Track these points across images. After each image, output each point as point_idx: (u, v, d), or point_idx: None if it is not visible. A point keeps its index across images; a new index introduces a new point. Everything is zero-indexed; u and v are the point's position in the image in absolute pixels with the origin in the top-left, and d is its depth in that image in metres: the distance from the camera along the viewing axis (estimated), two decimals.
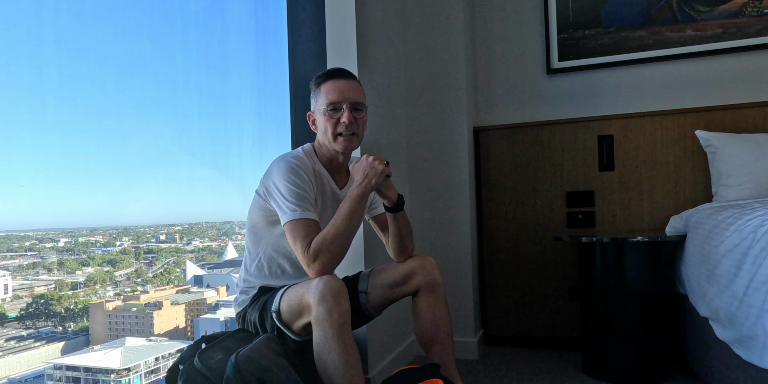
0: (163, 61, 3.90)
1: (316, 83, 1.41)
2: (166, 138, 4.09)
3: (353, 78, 1.41)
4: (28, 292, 3.54)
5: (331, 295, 1.16)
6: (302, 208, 1.29)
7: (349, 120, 1.35)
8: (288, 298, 1.27)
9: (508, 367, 2.17)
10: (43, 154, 3.11)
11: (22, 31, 2.16)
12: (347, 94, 1.36)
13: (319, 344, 1.18)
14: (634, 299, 1.90)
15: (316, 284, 1.19)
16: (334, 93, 1.36)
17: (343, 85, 1.37)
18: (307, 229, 1.26)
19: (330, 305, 1.16)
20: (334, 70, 1.40)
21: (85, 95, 3.64)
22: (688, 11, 2.28)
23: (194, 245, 4.29)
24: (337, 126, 1.36)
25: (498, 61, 2.58)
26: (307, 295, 1.20)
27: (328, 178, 1.44)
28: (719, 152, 2.07)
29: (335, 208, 1.39)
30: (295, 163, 1.34)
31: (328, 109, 1.36)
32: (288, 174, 1.32)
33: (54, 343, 3.93)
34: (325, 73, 1.40)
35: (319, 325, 1.18)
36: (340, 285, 1.19)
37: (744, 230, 1.30)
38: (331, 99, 1.36)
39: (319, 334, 1.18)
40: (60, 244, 3.67)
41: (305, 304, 1.21)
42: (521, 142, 2.49)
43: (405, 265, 1.48)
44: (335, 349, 1.16)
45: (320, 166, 1.43)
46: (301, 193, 1.30)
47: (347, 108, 1.35)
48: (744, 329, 1.21)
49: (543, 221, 2.44)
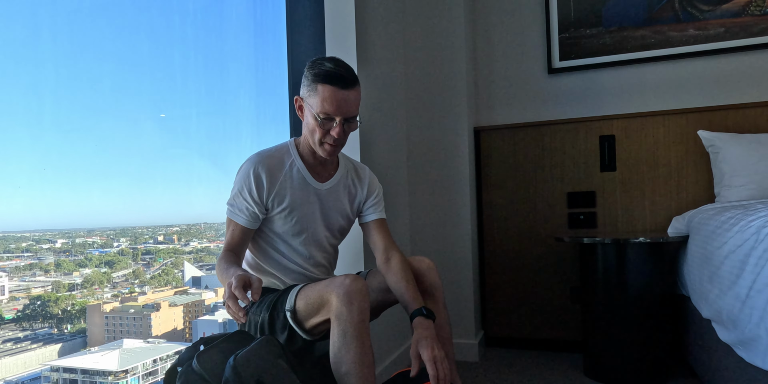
0: (161, 59, 3.92)
1: (314, 78, 1.32)
2: (164, 137, 4.11)
3: (354, 85, 1.32)
4: (25, 293, 3.52)
5: (355, 292, 1.17)
6: (232, 210, 1.37)
7: (339, 135, 1.32)
8: (306, 295, 1.27)
9: (508, 369, 2.16)
10: (40, 154, 3.11)
11: (18, 30, 2.17)
12: (344, 109, 1.31)
13: (337, 342, 1.18)
14: (636, 301, 1.89)
15: (341, 281, 1.19)
16: (331, 104, 1.29)
17: (342, 98, 1.30)
18: (231, 233, 1.36)
19: (353, 302, 1.16)
20: (337, 73, 1.30)
21: (82, 94, 3.67)
22: (690, 10, 2.27)
23: (192, 246, 4.26)
24: (326, 136, 1.34)
25: (499, 60, 2.57)
26: (328, 292, 1.20)
27: (306, 172, 1.43)
28: (722, 152, 2.06)
29: (315, 202, 1.43)
30: (255, 165, 1.36)
31: (321, 118, 1.31)
32: (240, 177, 1.37)
33: (51, 344, 3.90)
34: (327, 73, 1.30)
35: (339, 323, 1.18)
36: (363, 285, 1.20)
37: (747, 231, 1.29)
38: (326, 110, 1.30)
39: (338, 332, 1.18)
40: (57, 245, 3.64)
41: (326, 301, 1.21)
42: (522, 143, 2.47)
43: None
44: (353, 348, 1.16)
45: (299, 162, 1.42)
46: (241, 198, 1.36)
47: (340, 122, 1.32)
48: (747, 331, 1.21)
49: (544, 222, 2.43)
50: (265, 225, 1.41)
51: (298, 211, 1.40)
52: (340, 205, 1.48)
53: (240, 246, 1.36)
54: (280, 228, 1.40)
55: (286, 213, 1.39)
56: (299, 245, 1.43)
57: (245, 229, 1.36)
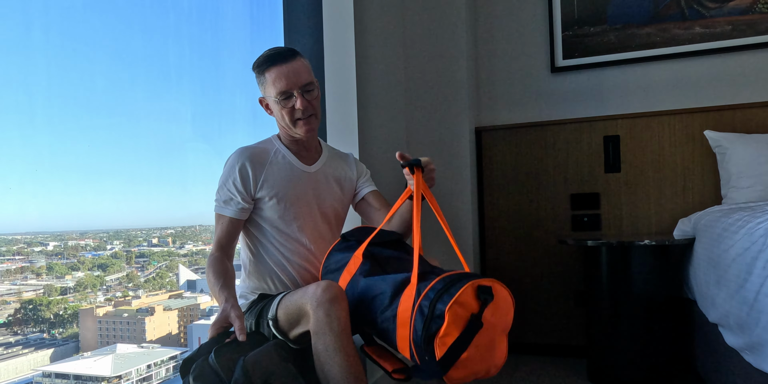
0: (156, 57, 3.85)
1: (259, 71, 1.38)
2: (159, 137, 4.04)
3: (295, 56, 1.37)
4: (16, 297, 3.48)
5: (330, 301, 1.13)
6: (218, 203, 1.38)
7: (303, 105, 1.35)
8: (285, 305, 1.25)
9: (511, 374, 2.15)
10: (32, 154, 3.06)
11: (9, 27, 2.11)
12: (294, 80, 1.34)
13: (320, 356, 1.14)
14: (642, 304, 1.88)
15: (313, 290, 1.16)
16: (280, 81, 1.34)
17: (287, 71, 1.34)
18: (220, 227, 1.37)
19: (329, 314, 1.12)
20: (274, 53, 1.36)
21: (75, 92, 3.60)
22: (696, 7, 2.27)
23: (187, 249, 4.24)
24: (293, 112, 1.37)
25: (500, 58, 2.55)
26: (304, 303, 1.17)
27: (292, 157, 1.44)
28: (729, 153, 2.05)
29: (305, 185, 1.44)
30: (239, 156, 1.38)
31: (280, 99, 1.35)
32: (226, 170, 1.39)
33: (43, 349, 3.88)
34: (265, 58, 1.37)
35: (318, 336, 1.14)
36: (338, 291, 1.16)
37: (754, 233, 1.28)
38: (280, 88, 1.34)
39: (320, 346, 1.14)
40: (49, 247, 3.61)
41: (303, 312, 1.18)
42: (524, 143, 2.46)
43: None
44: (337, 361, 1.12)
45: (285, 150, 1.45)
46: (225, 189, 1.37)
47: (298, 94, 1.35)
48: (754, 335, 1.20)
49: (547, 224, 2.41)
50: (259, 217, 1.41)
51: (289, 196, 1.41)
52: (331, 188, 1.49)
53: (229, 242, 1.37)
54: (274, 216, 1.39)
55: (277, 199, 1.39)
56: (296, 232, 1.41)
57: (233, 220, 1.37)
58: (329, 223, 1.49)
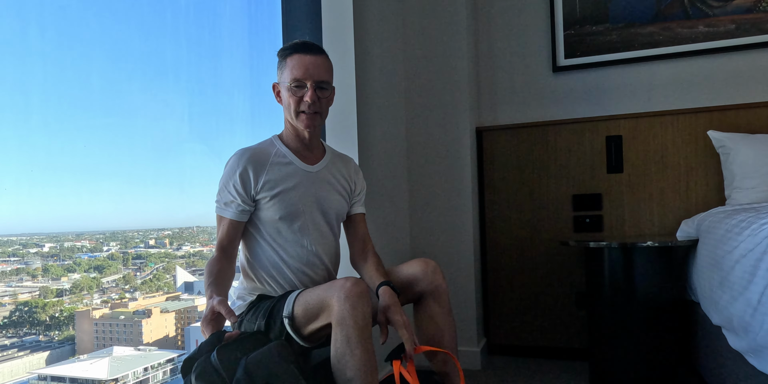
0: (153, 57, 3.81)
1: (282, 55, 1.39)
2: (156, 137, 3.99)
3: (321, 53, 1.39)
4: (12, 299, 3.45)
5: (357, 296, 1.16)
6: (219, 205, 1.39)
7: (312, 99, 1.35)
8: (305, 300, 1.26)
9: (512, 378, 2.14)
10: (28, 155, 3.02)
11: (5, 27, 2.07)
12: (312, 72, 1.35)
13: (340, 347, 1.16)
14: (644, 307, 1.88)
15: (341, 284, 1.18)
16: (299, 69, 1.35)
17: (309, 62, 1.35)
18: (221, 229, 1.38)
19: (355, 306, 1.15)
20: (302, 43, 1.38)
21: (71, 92, 3.55)
22: (700, 6, 2.26)
23: (185, 250, 4.23)
24: (300, 103, 1.36)
25: (502, 58, 2.54)
26: (329, 296, 1.19)
27: (293, 156, 1.43)
28: (732, 153, 2.04)
29: (307, 184, 1.43)
30: (239, 158, 1.38)
31: (292, 86, 1.35)
32: (226, 173, 1.39)
33: (38, 352, 3.85)
34: (293, 45, 1.38)
35: (342, 328, 1.16)
36: (364, 288, 1.19)
37: (758, 235, 1.27)
38: (296, 75, 1.35)
39: (341, 337, 1.16)
40: (45, 249, 3.58)
41: (326, 305, 1.20)
42: (526, 143, 2.44)
43: (407, 270, 1.45)
44: (357, 353, 1.15)
45: (286, 150, 1.44)
46: (226, 191, 1.37)
47: (311, 86, 1.35)
48: (758, 338, 1.20)
49: (548, 225, 2.40)
50: (258, 218, 1.40)
51: (290, 194, 1.39)
52: (333, 187, 1.48)
53: (231, 243, 1.38)
54: (274, 217, 1.38)
55: (278, 198, 1.38)
56: (296, 232, 1.40)
57: (234, 222, 1.37)
58: (330, 223, 1.48)
